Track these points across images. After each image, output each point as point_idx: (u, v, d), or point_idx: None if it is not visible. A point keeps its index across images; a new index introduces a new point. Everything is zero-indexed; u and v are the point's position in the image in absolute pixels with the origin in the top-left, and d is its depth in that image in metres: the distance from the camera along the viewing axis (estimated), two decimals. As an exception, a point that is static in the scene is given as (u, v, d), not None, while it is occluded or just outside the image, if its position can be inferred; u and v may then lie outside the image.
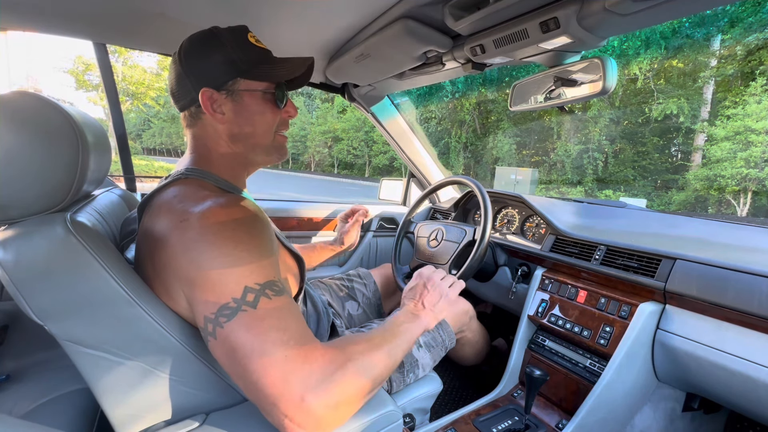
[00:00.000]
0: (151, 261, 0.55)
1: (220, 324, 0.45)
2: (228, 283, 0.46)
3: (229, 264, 0.47)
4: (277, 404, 0.43)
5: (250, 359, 0.44)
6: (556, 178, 13.99)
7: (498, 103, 15.81)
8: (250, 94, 0.61)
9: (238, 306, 0.46)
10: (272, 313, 0.47)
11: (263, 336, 0.45)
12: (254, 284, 0.47)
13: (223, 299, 0.46)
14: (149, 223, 0.56)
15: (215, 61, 0.59)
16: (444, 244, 1.19)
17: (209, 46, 0.59)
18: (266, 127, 0.64)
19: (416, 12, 0.78)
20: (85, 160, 0.51)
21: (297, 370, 0.44)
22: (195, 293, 0.48)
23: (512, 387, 1.04)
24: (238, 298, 0.46)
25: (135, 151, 37.12)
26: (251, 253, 0.49)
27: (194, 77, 0.59)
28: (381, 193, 1.89)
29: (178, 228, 0.51)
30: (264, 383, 0.43)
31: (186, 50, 0.60)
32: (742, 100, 9.60)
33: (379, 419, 0.56)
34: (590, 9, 0.60)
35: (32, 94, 0.48)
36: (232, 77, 0.59)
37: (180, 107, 0.63)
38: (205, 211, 0.50)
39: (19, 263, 0.46)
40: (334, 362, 0.47)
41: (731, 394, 0.76)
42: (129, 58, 18.27)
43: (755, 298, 0.70)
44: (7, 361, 0.73)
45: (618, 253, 0.95)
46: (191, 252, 0.48)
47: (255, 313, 0.46)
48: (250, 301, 0.46)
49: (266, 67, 0.62)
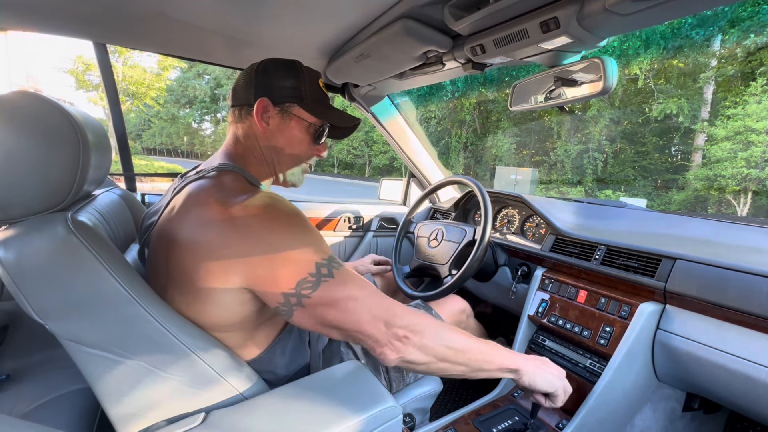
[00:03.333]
0: (168, 252, 0.56)
1: (306, 296, 0.53)
2: (299, 263, 0.54)
3: (293, 246, 0.54)
4: (378, 334, 0.56)
5: (347, 311, 0.55)
6: (556, 178, 13.99)
7: (498, 103, 15.80)
8: (298, 121, 0.69)
9: (317, 279, 0.54)
10: (348, 278, 0.56)
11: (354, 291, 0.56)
12: (322, 259, 0.55)
13: (299, 275, 0.53)
14: (183, 217, 0.57)
15: (286, 83, 0.68)
16: (444, 244, 1.19)
17: (288, 71, 0.69)
18: (299, 151, 0.72)
19: (416, 12, 0.78)
20: (86, 159, 0.51)
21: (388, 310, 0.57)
22: (266, 274, 0.54)
23: (512, 387, 1.04)
24: (313, 272, 0.54)
25: (135, 151, 37.04)
26: (308, 236, 0.57)
27: (261, 87, 0.67)
28: (381, 193, 1.89)
29: (227, 219, 0.53)
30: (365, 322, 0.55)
31: (265, 65, 0.69)
32: (743, 100, 9.59)
33: (379, 415, 0.56)
34: (590, 9, 0.60)
35: (32, 94, 0.48)
36: (291, 101, 0.68)
37: (233, 103, 0.71)
38: (253, 200, 0.55)
39: (20, 263, 0.46)
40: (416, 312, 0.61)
41: (731, 394, 0.76)
42: (129, 58, 18.28)
43: (755, 298, 0.70)
44: (7, 361, 0.73)
45: (618, 253, 0.95)
46: (248, 240, 0.53)
47: (335, 280, 0.55)
48: (324, 273, 0.54)
49: (322, 107, 0.71)
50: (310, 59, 1.13)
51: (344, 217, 1.64)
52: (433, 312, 1.05)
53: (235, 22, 0.91)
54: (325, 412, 0.55)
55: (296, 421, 0.53)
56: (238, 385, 0.59)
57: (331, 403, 0.56)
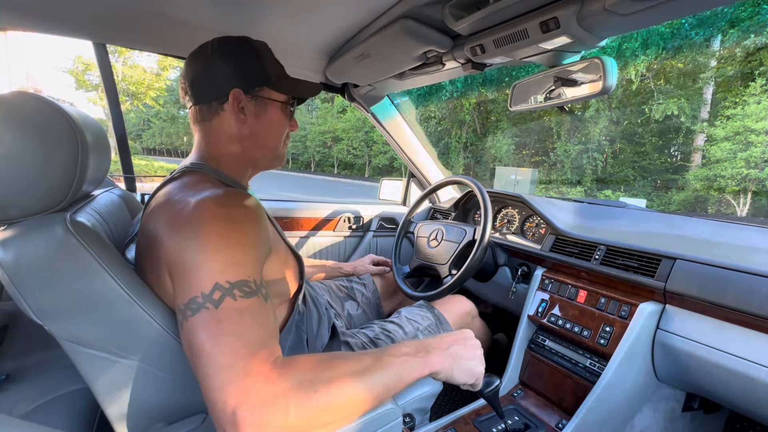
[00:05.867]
0: (149, 255, 0.55)
1: (186, 317, 0.45)
2: (201, 277, 0.46)
3: (206, 257, 0.47)
4: (213, 409, 0.41)
5: (200, 359, 0.43)
6: (556, 178, 13.99)
7: (498, 103, 15.80)
8: (272, 103, 0.66)
9: (203, 302, 0.45)
10: (231, 316, 0.44)
11: (216, 339, 0.43)
12: (225, 282, 0.46)
13: (193, 292, 0.45)
14: (148, 218, 0.56)
15: (252, 66, 0.63)
16: (444, 244, 1.19)
17: (247, 51, 0.63)
18: (279, 134, 0.69)
19: (416, 12, 0.78)
20: (85, 160, 0.51)
21: (236, 382, 0.41)
22: (174, 280, 0.48)
23: (512, 387, 1.04)
24: (206, 293, 0.45)
25: (135, 151, 37.08)
26: (231, 249, 0.48)
27: (229, 75, 0.61)
28: (381, 193, 1.89)
29: (171, 217, 0.51)
30: (206, 386, 0.42)
31: (221, 48, 0.62)
32: (742, 100, 9.60)
33: (378, 417, 0.55)
34: (590, 9, 0.60)
35: (32, 94, 0.48)
36: (261, 85, 0.64)
37: (198, 99, 0.63)
38: (199, 201, 0.51)
39: (18, 263, 0.46)
40: (282, 382, 0.42)
41: (731, 394, 0.76)
42: (129, 58, 18.27)
43: (755, 298, 0.70)
44: (7, 361, 0.73)
45: (618, 253, 0.95)
46: (177, 239, 0.48)
47: (215, 313, 0.44)
48: (215, 299, 0.45)
49: (288, 82, 0.67)
50: (310, 59, 1.13)
51: (344, 217, 1.64)
52: (436, 311, 1.05)
53: (235, 23, 0.91)
54: None
55: (296, 421, 0.53)
56: (237, 385, 0.59)
57: None
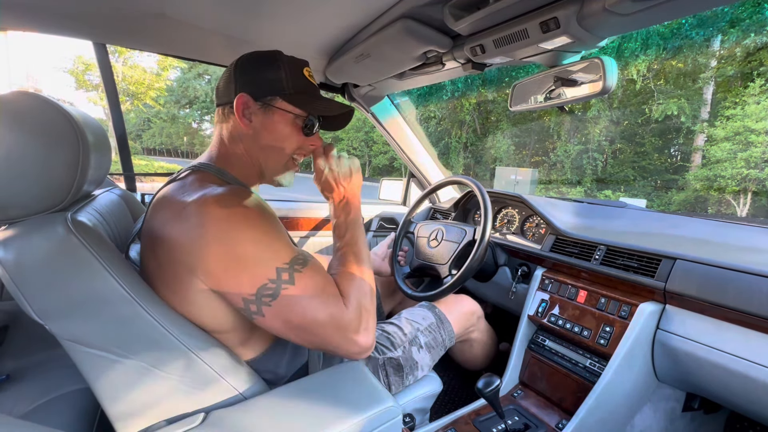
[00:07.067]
0: (154, 254, 0.56)
1: (265, 303, 0.52)
2: (260, 266, 0.52)
3: (255, 248, 0.53)
4: (338, 347, 0.58)
5: (307, 328, 0.55)
6: (556, 178, 13.99)
7: (498, 104, 15.80)
8: (282, 114, 0.66)
9: (278, 286, 0.52)
10: (308, 283, 0.55)
11: (310, 306, 0.54)
12: (283, 264, 0.54)
13: (259, 281, 0.52)
14: (153, 217, 0.57)
15: (265, 76, 0.64)
16: (444, 244, 1.19)
17: (266, 63, 0.65)
18: (284, 145, 0.68)
19: (416, 12, 0.78)
20: (86, 159, 0.51)
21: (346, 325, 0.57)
22: (223, 278, 0.52)
23: (512, 387, 1.04)
24: (274, 278, 0.52)
25: (135, 151, 37.01)
26: (270, 237, 0.55)
27: (240, 83, 0.64)
28: (381, 193, 1.89)
29: (180, 217, 0.52)
30: (323, 338, 0.56)
31: (245, 59, 0.66)
32: (742, 100, 9.60)
33: (378, 415, 0.56)
34: (590, 9, 0.60)
35: (32, 94, 0.48)
36: (272, 94, 0.65)
37: (217, 103, 0.69)
38: (205, 199, 0.53)
39: (19, 263, 0.46)
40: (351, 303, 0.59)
41: (731, 394, 0.76)
42: (129, 58, 18.28)
43: (755, 298, 0.70)
44: (7, 361, 0.73)
45: (618, 253, 0.95)
46: (205, 239, 0.51)
47: (295, 288, 0.53)
48: (286, 279, 0.53)
49: (307, 98, 0.67)
50: (310, 59, 1.13)
51: None
52: (437, 311, 1.05)
53: (235, 23, 0.91)
54: (325, 412, 0.55)
55: (296, 421, 0.53)
56: (237, 384, 0.59)
57: (330, 404, 0.56)
